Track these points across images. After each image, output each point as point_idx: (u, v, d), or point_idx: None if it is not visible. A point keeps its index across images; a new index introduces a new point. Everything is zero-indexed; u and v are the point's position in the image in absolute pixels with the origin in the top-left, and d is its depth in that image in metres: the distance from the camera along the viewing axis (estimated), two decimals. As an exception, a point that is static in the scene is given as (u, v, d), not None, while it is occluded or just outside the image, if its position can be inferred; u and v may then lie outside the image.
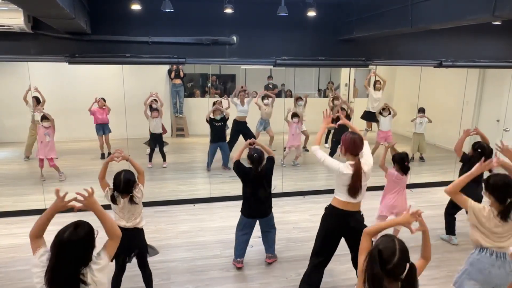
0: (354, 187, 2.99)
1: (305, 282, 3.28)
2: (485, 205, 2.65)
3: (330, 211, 3.17)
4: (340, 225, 3.11)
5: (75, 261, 1.79)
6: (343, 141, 3.08)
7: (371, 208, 4.04)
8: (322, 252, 3.23)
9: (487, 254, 2.62)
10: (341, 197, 3.08)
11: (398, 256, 1.75)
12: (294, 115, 7.44)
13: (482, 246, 2.64)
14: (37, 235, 1.96)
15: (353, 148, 3.03)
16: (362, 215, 3.18)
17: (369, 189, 3.27)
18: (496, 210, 2.58)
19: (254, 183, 3.73)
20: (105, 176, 3.15)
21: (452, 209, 4.50)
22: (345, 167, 3.00)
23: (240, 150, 3.87)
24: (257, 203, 3.78)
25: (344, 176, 2.99)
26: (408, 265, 1.77)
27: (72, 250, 1.78)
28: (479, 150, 4.12)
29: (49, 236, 1.94)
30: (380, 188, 4.44)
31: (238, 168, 3.76)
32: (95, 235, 1.89)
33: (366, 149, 3.15)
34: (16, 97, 6.67)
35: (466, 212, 2.80)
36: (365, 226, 3.14)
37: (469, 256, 2.74)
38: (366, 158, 3.10)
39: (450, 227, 4.54)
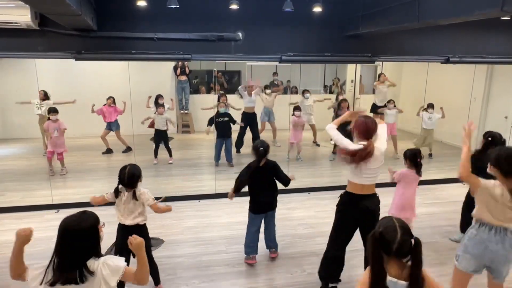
0: (357, 159, 2.93)
1: (324, 271, 3.34)
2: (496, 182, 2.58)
3: (347, 197, 3.15)
4: (357, 210, 3.09)
5: (80, 249, 1.80)
6: (356, 125, 3.06)
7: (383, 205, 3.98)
8: (338, 240, 3.25)
9: (486, 229, 2.60)
10: (355, 180, 3.06)
11: (400, 232, 1.76)
12: (296, 108, 7.42)
13: (483, 221, 2.61)
14: (18, 275, 1.88)
15: (366, 131, 3.00)
16: (378, 197, 3.17)
17: (379, 185, 3.25)
18: (505, 186, 2.50)
19: (258, 178, 3.73)
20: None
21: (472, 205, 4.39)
22: (356, 146, 2.98)
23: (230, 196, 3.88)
24: (263, 198, 3.80)
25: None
26: (413, 240, 1.77)
27: (77, 237, 1.79)
28: (490, 138, 4.01)
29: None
30: (389, 184, 4.39)
31: (241, 183, 3.76)
32: (101, 225, 1.91)
33: (382, 133, 3.11)
34: (24, 93, 6.75)
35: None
36: (379, 209, 3.15)
37: (468, 230, 2.73)
38: (380, 143, 3.05)
39: (467, 225, 4.43)
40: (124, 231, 3.10)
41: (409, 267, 1.80)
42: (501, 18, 5.21)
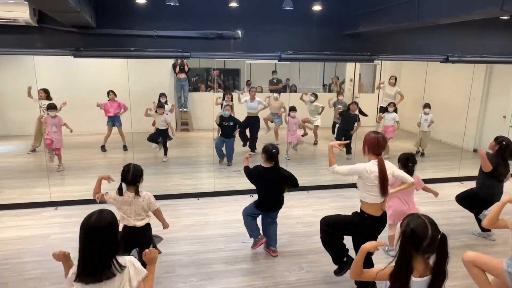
0: (384, 185, 2.96)
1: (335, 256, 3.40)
2: None
3: (366, 220, 3.09)
4: (375, 230, 3.12)
5: (104, 246, 1.84)
6: (366, 140, 3.05)
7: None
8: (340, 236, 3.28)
9: None
10: (371, 200, 3.02)
11: (431, 228, 1.76)
12: (292, 108, 7.42)
13: None
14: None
15: (376, 147, 3.01)
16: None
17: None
18: None
19: (270, 180, 3.77)
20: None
21: (475, 210, 4.40)
22: (372, 165, 2.99)
23: (245, 158, 3.96)
24: (272, 199, 3.88)
25: (372, 174, 2.97)
26: (439, 236, 1.78)
27: (100, 234, 1.83)
28: (504, 142, 4.08)
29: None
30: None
31: (249, 172, 3.84)
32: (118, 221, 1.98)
33: (400, 172, 3.19)
34: (22, 90, 6.71)
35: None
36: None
37: None
38: (394, 169, 3.12)
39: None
40: (133, 232, 3.14)
41: (431, 263, 1.80)
42: (501, 17, 5.21)
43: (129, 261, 1.90)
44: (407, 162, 3.88)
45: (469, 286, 3.56)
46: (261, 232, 4.01)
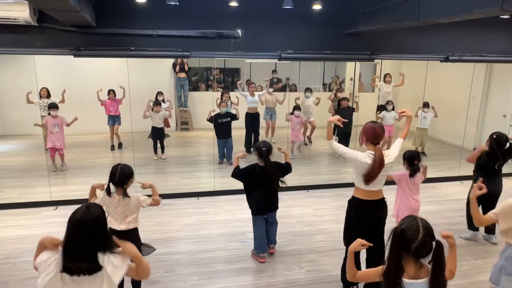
0: (370, 176, 2.95)
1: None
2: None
3: (355, 203, 3.14)
4: (367, 215, 3.10)
5: (89, 241, 1.84)
6: (364, 130, 3.06)
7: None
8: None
9: None
10: (363, 187, 3.06)
11: (422, 233, 1.73)
12: (296, 107, 7.41)
13: None
14: None
15: (373, 137, 3.00)
16: (386, 201, 3.17)
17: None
18: None
19: (261, 179, 3.75)
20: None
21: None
22: (365, 156, 2.98)
23: (236, 159, 3.91)
24: (265, 199, 3.84)
25: (364, 165, 2.97)
26: (434, 243, 1.74)
27: (86, 229, 1.84)
28: (494, 136, 4.11)
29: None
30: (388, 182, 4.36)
31: (238, 172, 3.82)
32: (107, 216, 1.98)
33: (396, 143, 3.16)
34: (22, 90, 6.72)
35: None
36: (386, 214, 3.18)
37: (504, 251, 2.70)
38: (391, 150, 3.09)
39: (471, 223, 4.44)
40: (117, 236, 2.99)
41: (426, 268, 1.78)
42: (501, 17, 5.21)
43: (107, 258, 1.87)
44: (413, 160, 3.88)
45: (469, 286, 3.57)
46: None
